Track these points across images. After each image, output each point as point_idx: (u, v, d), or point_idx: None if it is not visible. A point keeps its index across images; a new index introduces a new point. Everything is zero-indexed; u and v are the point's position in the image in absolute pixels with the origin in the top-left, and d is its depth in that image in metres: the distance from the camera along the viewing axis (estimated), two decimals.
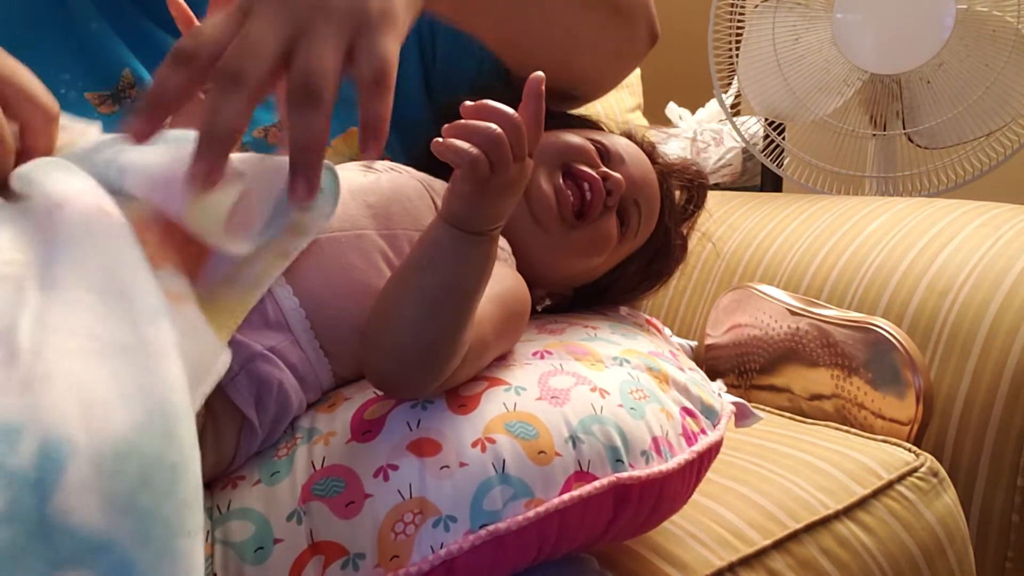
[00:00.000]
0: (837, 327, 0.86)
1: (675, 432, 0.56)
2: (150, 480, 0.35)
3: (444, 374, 0.50)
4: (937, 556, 0.72)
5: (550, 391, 0.54)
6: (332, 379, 0.57)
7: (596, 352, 0.60)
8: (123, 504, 0.34)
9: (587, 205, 0.66)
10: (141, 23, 0.72)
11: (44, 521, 0.33)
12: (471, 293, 0.50)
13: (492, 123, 0.47)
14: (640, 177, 0.70)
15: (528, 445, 0.50)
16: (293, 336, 0.54)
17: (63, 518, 0.33)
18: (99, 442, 0.35)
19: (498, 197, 0.48)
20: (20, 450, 0.33)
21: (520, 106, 0.49)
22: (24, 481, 0.33)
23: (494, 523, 0.48)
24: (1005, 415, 0.84)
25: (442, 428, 0.51)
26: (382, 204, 0.60)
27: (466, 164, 0.47)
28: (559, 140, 0.68)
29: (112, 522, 0.34)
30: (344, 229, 0.57)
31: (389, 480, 0.49)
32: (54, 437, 0.34)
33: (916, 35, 1.26)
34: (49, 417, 0.35)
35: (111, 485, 0.34)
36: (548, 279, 0.69)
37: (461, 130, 0.47)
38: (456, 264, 0.49)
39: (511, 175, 0.48)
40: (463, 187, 0.48)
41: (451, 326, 0.49)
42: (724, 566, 0.62)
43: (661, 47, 0.86)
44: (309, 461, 0.51)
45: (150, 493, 0.35)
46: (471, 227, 0.49)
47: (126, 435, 0.36)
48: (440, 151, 0.47)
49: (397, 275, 0.52)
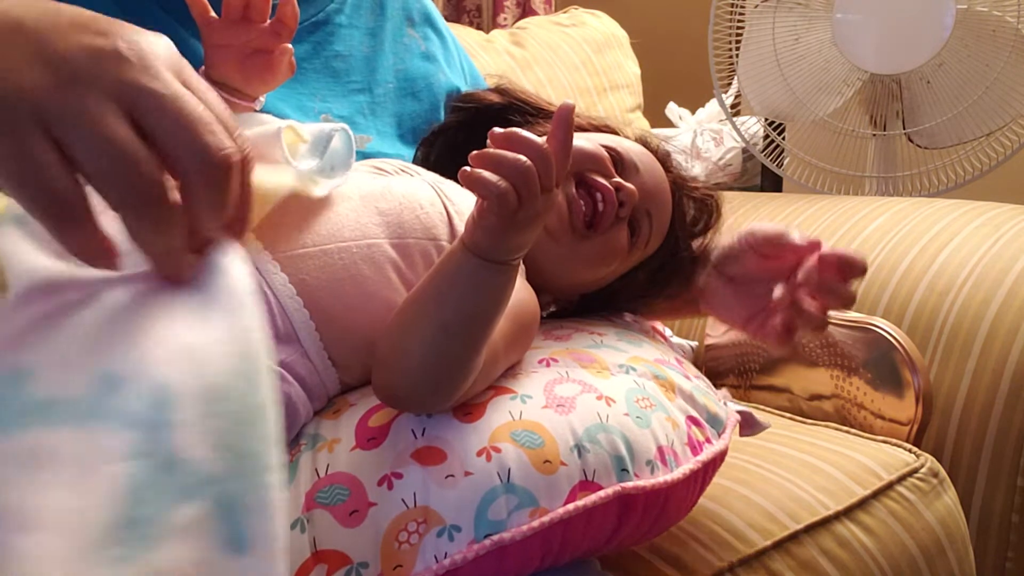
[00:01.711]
0: (837, 327, 0.86)
1: (680, 441, 0.56)
2: (243, 419, 0.38)
3: (456, 394, 0.50)
4: (937, 557, 0.72)
5: (556, 399, 0.53)
6: (339, 387, 0.57)
7: (602, 359, 0.59)
8: (224, 442, 0.38)
9: (599, 216, 0.64)
10: (167, 23, 0.71)
11: (170, 456, 0.36)
12: (489, 320, 0.49)
13: (521, 154, 0.46)
14: (653, 187, 0.68)
15: (534, 454, 0.50)
16: (303, 348, 0.54)
17: (182, 453, 0.36)
18: (200, 384, 0.38)
19: (524, 229, 0.48)
20: (134, 395, 0.36)
21: (549, 135, 0.48)
22: (147, 422, 0.36)
23: (498, 533, 0.48)
24: (1005, 415, 0.84)
25: (447, 437, 0.50)
26: (394, 211, 0.59)
27: (494, 197, 0.45)
28: (573, 147, 0.67)
29: (217, 457, 0.37)
30: (355, 239, 0.57)
31: (393, 488, 0.49)
32: (161, 381, 0.37)
33: (916, 35, 1.26)
34: (151, 364, 0.37)
35: (214, 424, 0.37)
36: (556, 286, 0.69)
37: (490, 161, 0.46)
38: (476, 292, 0.48)
39: (538, 207, 0.47)
40: (489, 219, 0.47)
41: (467, 352, 0.49)
42: (724, 567, 0.62)
43: (661, 47, 0.86)
44: (313, 468, 0.51)
45: (243, 431, 0.38)
46: (495, 257, 0.48)
47: (223, 378, 0.39)
48: (468, 183, 0.46)
49: (415, 297, 0.51)
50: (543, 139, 0.48)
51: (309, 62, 0.79)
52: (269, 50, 0.60)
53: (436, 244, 0.59)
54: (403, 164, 0.68)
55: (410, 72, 0.85)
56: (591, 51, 1.43)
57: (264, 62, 0.61)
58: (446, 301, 0.48)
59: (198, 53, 0.67)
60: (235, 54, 0.60)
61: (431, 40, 0.90)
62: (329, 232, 0.56)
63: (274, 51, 0.60)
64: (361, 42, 0.83)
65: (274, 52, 0.60)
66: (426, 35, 0.89)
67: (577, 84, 1.38)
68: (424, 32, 0.90)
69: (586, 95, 1.38)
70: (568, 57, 1.40)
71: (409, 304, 0.51)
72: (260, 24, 0.59)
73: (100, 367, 0.37)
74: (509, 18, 2.01)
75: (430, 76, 0.87)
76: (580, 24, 1.48)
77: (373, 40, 0.84)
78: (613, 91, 1.42)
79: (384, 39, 0.85)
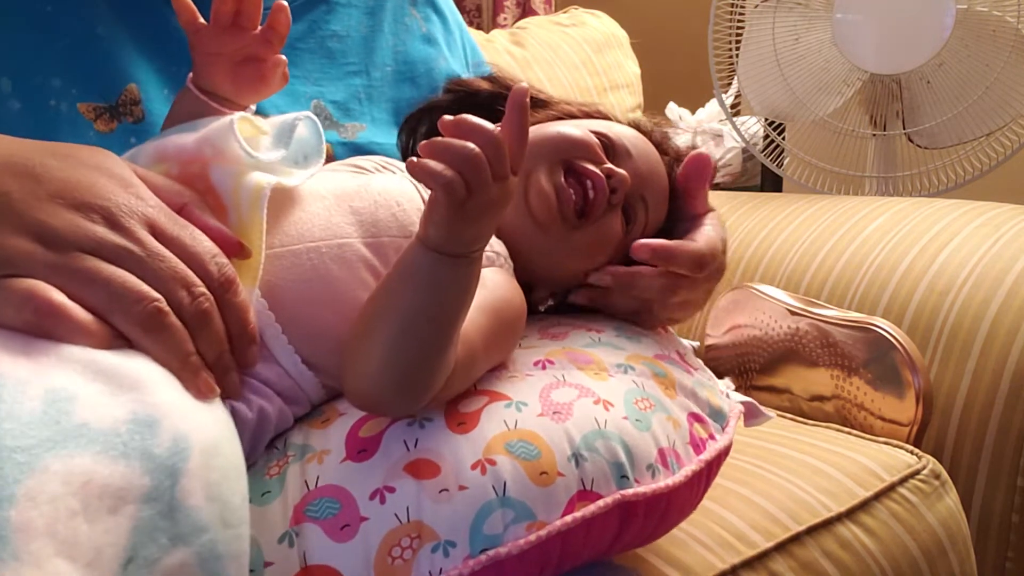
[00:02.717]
0: (837, 327, 0.86)
1: (682, 441, 0.55)
2: (228, 473, 0.42)
3: (427, 396, 0.49)
4: (939, 558, 0.72)
5: (552, 406, 0.52)
6: (322, 391, 0.55)
7: (600, 360, 0.58)
8: (214, 493, 0.41)
9: (590, 204, 0.62)
10: (161, 13, 0.69)
11: (173, 502, 0.39)
12: (451, 317, 0.48)
13: (470, 141, 0.44)
14: (647, 171, 0.66)
15: (530, 466, 0.49)
16: (269, 351, 0.52)
17: (184, 500, 0.39)
18: (204, 437, 0.41)
19: (477, 219, 0.46)
20: (160, 439, 0.40)
21: (503, 120, 0.46)
22: (164, 467, 0.39)
23: (495, 548, 0.47)
24: (1005, 415, 0.84)
25: (441, 449, 0.49)
26: (368, 210, 0.57)
27: (440, 187, 0.44)
28: (560, 134, 0.64)
29: (208, 507, 0.40)
30: (326, 238, 0.55)
31: (386, 503, 0.48)
32: (182, 430, 0.40)
33: (916, 35, 1.26)
34: (176, 412, 0.41)
35: (209, 475, 0.41)
36: (549, 280, 0.66)
37: (436, 149, 0.44)
38: (434, 288, 0.47)
39: (491, 196, 0.45)
40: (439, 211, 0.45)
41: (430, 350, 0.47)
42: (726, 568, 0.62)
43: (661, 47, 0.85)
44: (302, 480, 0.50)
45: (228, 485, 0.42)
46: (449, 250, 0.46)
47: (216, 432, 0.43)
48: (414, 172, 0.44)
49: (375, 296, 0.50)
50: (496, 126, 0.45)
51: (304, 42, 0.77)
52: (261, 59, 0.59)
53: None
54: (385, 160, 0.66)
55: (410, 55, 0.83)
56: (591, 51, 1.43)
57: (255, 71, 0.59)
58: (403, 299, 0.47)
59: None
60: (225, 62, 0.58)
61: (432, 21, 0.87)
62: (298, 232, 0.55)
63: (266, 60, 0.59)
64: (360, 22, 0.81)
65: (266, 61, 0.59)
66: (428, 16, 0.87)
67: (577, 84, 1.38)
68: (426, 12, 0.87)
69: (586, 95, 1.38)
70: (568, 57, 1.40)
71: (368, 305, 0.49)
72: (251, 31, 0.57)
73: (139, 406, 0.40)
74: (509, 18, 2.01)
75: (430, 61, 0.84)
76: (580, 24, 1.48)
77: (372, 20, 0.82)
78: (613, 91, 1.42)
79: (384, 19, 0.83)
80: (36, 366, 0.40)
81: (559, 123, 0.67)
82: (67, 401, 0.38)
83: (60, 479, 0.36)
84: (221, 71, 0.58)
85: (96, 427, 0.38)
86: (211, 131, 0.55)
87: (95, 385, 0.40)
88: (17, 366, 0.39)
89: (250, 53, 0.58)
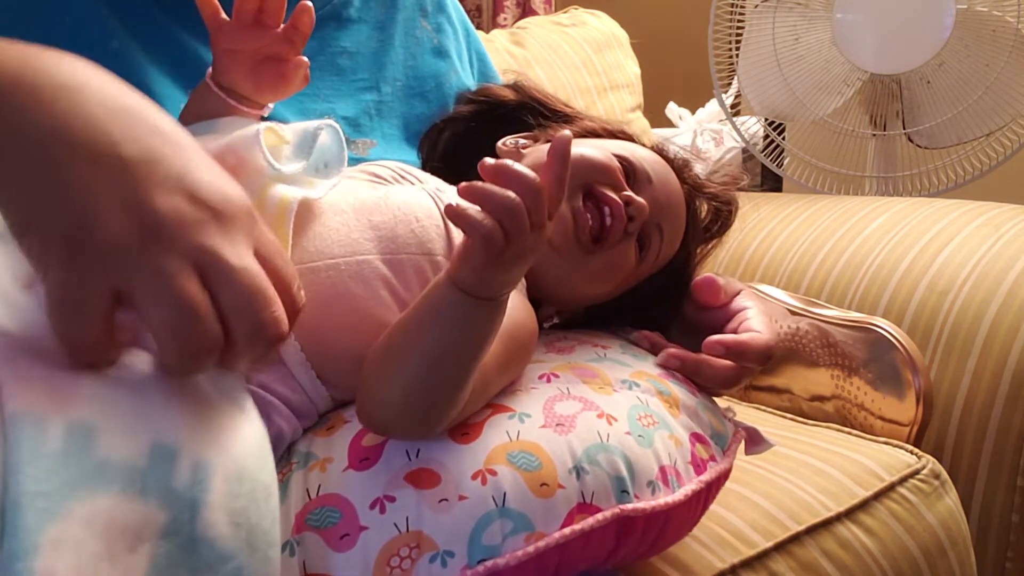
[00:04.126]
0: (837, 327, 0.86)
1: (684, 460, 0.55)
2: (255, 498, 0.41)
3: (442, 425, 0.49)
4: (938, 558, 0.72)
5: (555, 418, 0.52)
6: (330, 404, 0.55)
7: (605, 375, 0.58)
8: (240, 519, 0.39)
9: (606, 231, 0.61)
10: (171, 31, 0.69)
11: (193, 535, 0.38)
12: (476, 353, 0.48)
13: (511, 191, 0.44)
14: (665, 199, 0.65)
15: (530, 477, 0.49)
16: (287, 369, 0.52)
17: (205, 532, 0.38)
18: (227, 462, 0.40)
19: (511, 267, 0.46)
20: (179, 471, 0.38)
21: (543, 167, 0.46)
22: (182, 500, 0.38)
23: (493, 558, 0.47)
24: (1005, 415, 0.84)
25: (442, 459, 0.49)
26: (388, 225, 0.57)
27: (479, 237, 0.44)
28: (582, 157, 0.62)
29: (233, 534, 0.39)
30: (345, 255, 0.55)
31: (386, 512, 0.48)
32: (202, 459, 0.39)
33: (916, 35, 1.26)
34: (196, 440, 0.39)
35: (234, 503, 0.39)
36: (558, 300, 0.66)
37: (477, 195, 0.44)
38: (461, 326, 0.47)
39: (527, 244, 0.45)
40: (476, 257, 0.45)
41: (452, 384, 0.48)
42: (726, 568, 0.62)
43: (661, 47, 0.85)
44: (304, 488, 0.50)
45: (256, 508, 0.40)
46: (480, 294, 0.46)
47: (243, 453, 0.41)
48: (453, 218, 0.44)
49: (401, 327, 0.49)
50: (535, 174, 0.45)
51: (313, 59, 0.75)
52: (282, 58, 0.58)
53: (431, 259, 0.57)
54: (403, 168, 0.66)
55: (420, 70, 0.82)
56: (591, 51, 1.43)
57: (276, 70, 0.58)
58: (430, 334, 0.47)
59: (204, 59, 0.64)
60: (246, 60, 0.57)
61: (444, 32, 0.86)
62: (318, 249, 0.55)
63: (288, 59, 0.58)
64: (370, 36, 0.80)
65: (288, 61, 0.58)
66: (439, 26, 0.86)
67: (577, 84, 1.38)
68: (437, 22, 0.86)
69: (586, 95, 1.38)
70: (568, 57, 1.40)
71: (394, 333, 0.49)
72: (273, 29, 0.57)
73: (158, 437, 0.38)
74: (509, 18, 2.01)
75: (441, 75, 0.83)
76: (580, 24, 1.48)
77: (383, 34, 0.81)
78: (613, 91, 1.42)
79: (395, 32, 0.82)
80: (57, 397, 0.37)
81: (582, 143, 0.66)
82: (87, 436, 0.37)
83: (83, 522, 0.35)
84: (241, 68, 0.58)
85: (116, 461, 0.37)
86: (236, 140, 0.54)
87: (115, 412, 0.38)
88: (37, 398, 0.37)
89: (271, 52, 0.58)
